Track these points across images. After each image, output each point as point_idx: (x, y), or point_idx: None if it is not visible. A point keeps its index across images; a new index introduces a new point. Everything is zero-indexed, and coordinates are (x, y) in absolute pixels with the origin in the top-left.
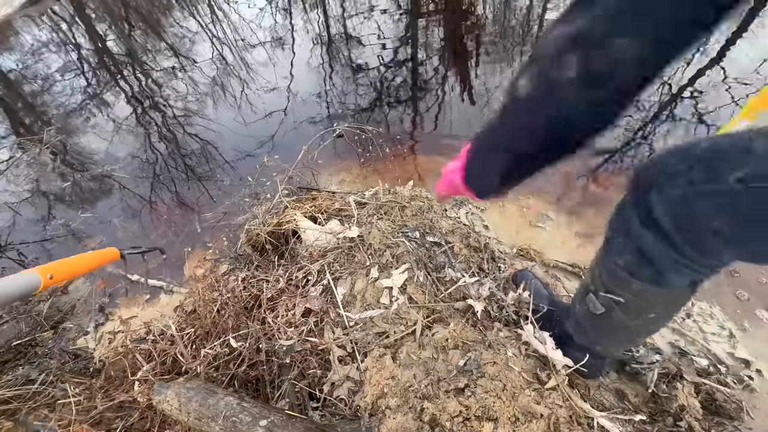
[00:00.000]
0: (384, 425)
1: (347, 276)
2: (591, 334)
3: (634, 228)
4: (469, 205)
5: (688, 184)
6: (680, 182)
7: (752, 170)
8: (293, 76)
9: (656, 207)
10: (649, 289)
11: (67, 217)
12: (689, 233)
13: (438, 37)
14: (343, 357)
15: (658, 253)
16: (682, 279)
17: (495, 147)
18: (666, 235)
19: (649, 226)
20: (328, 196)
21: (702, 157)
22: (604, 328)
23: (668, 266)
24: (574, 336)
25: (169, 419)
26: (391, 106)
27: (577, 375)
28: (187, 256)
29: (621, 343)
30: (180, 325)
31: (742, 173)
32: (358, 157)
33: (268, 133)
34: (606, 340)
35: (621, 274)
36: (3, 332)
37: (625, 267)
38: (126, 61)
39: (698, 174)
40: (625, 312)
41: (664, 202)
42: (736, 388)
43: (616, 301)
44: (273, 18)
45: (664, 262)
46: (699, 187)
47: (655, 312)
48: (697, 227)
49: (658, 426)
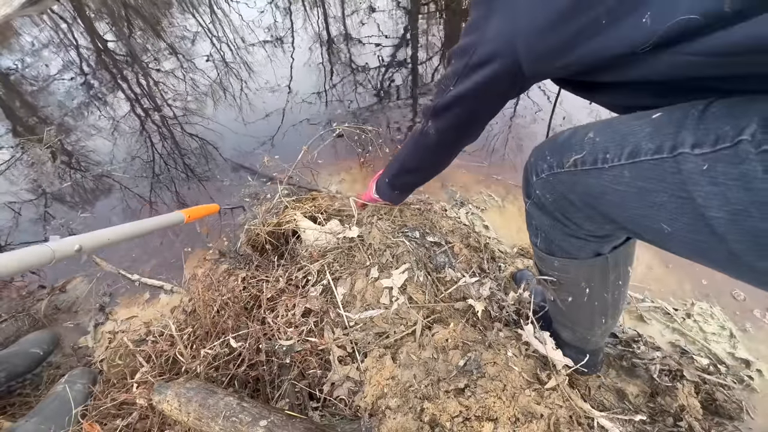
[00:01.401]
0: (384, 425)
1: (347, 276)
2: (563, 323)
3: (529, 207)
4: (469, 205)
5: (549, 168)
6: (545, 167)
7: (579, 157)
8: (293, 76)
9: (537, 188)
10: (567, 263)
11: (67, 217)
12: (561, 209)
13: (438, 37)
14: (343, 357)
15: (550, 229)
16: (582, 251)
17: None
18: (549, 212)
19: (537, 205)
20: (328, 196)
21: (559, 146)
22: (565, 314)
23: (561, 238)
24: (559, 332)
25: (169, 419)
26: (391, 105)
27: (577, 375)
28: (186, 257)
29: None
30: (180, 326)
31: (574, 159)
32: (358, 157)
33: (268, 133)
34: (576, 326)
35: (541, 254)
36: (2, 330)
37: (541, 247)
38: (126, 61)
39: (555, 160)
40: (564, 291)
41: (540, 184)
42: (736, 388)
43: (550, 281)
44: (273, 18)
45: (557, 235)
46: (555, 170)
47: (587, 285)
48: (564, 204)
49: (658, 426)
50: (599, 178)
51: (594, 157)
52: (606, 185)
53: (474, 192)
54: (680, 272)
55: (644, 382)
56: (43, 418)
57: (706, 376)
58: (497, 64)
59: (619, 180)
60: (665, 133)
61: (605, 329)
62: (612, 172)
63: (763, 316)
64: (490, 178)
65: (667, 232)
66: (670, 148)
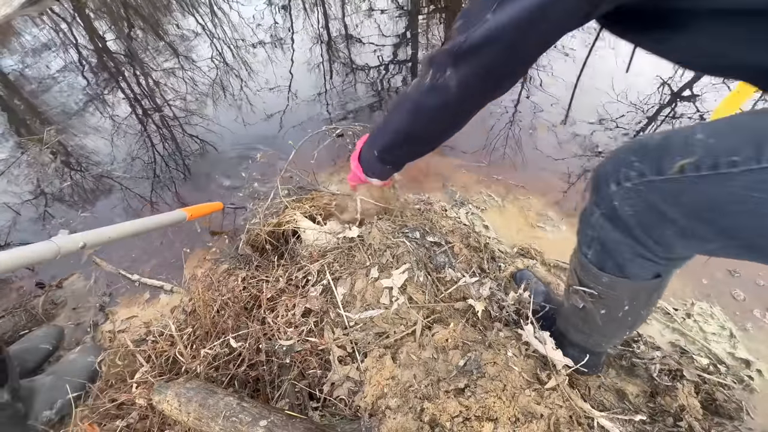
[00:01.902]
0: (384, 425)
1: (347, 276)
2: (581, 328)
3: (595, 219)
4: (469, 205)
5: (640, 175)
6: (634, 174)
7: (690, 161)
8: (293, 76)
9: (615, 199)
10: (617, 281)
11: (67, 216)
12: (646, 224)
13: (438, 37)
14: (343, 357)
15: (617, 244)
16: (644, 271)
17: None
18: (626, 227)
19: (610, 218)
20: (327, 196)
21: (651, 150)
22: (589, 322)
23: (628, 258)
24: (567, 333)
25: (169, 419)
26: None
27: (577, 374)
28: (186, 257)
29: (609, 336)
30: (180, 326)
31: (680, 164)
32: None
33: (268, 133)
34: (595, 333)
35: (590, 267)
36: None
37: (593, 259)
38: (126, 61)
39: (648, 166)
40: (601, 304)
41: (621, 194)
42: (736, 388)
43: (591, 294)
44: (273, 18)
45: (623, 253)
46: (648, 178)
47: (629, 303)
48: (652, 218)
49: (658, 426)
50: (723, 185)
51: (714, 160)
52: (734, 193)
53: (474, 192)
54: (681, 272)
55: (644, 381)
56: (58, 377)
57: (706, 376)
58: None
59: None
60: None
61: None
62: (747, 177)
63: (763, 316)
64: (490, 177)
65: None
66: None
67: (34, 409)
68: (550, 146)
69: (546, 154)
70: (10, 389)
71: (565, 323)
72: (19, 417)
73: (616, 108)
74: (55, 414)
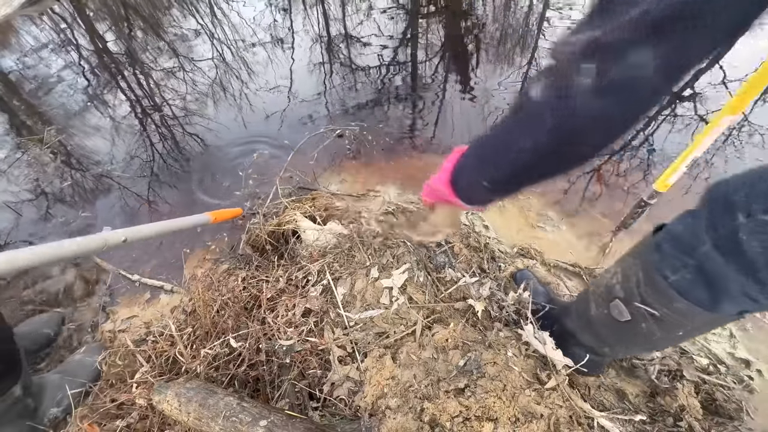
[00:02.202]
0: (384, 425)
1: (347, 276)
2: (604, 338)
3: (704, 249)
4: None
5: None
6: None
7: None
8: (293, 76)
9: (742, 232)
10: (694, 311)
11: (67, 216)
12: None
13: (438, 37)
14: (343, 357)
15: (725, 280)
16: (736, 307)
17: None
18: (747, 264)
19: (726, 252)
20: (327, 196)
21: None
22: (623, 335)
23: (731, 294)
24: (577, 334)
25: (169, 419)
26: (392, 106)
27: (577, 374)
28: (186, 257)
29: (634, 350)
30: (180, 326)
31: None
32: (358, 156)
33: (268, 133)
34: (620, 345)
35: (667, 291)
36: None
37: (675, 284)
38: (126, 61)
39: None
40: (657, 325)
41: (752, 228)
42: (736, 388)
43: (651, 314)
44: (273, 18)
45: (728, 289)
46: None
47: (688, 330)
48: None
49: (658, 426)
50: None
51: None
52: None
53: None
54: None
55: (644, 382)
56: (65, 374)
57: (705, 376)
58: None
59: None
60: None
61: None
62: None
63: (763, 316)
64: None
65: None
66: None
67: (43, 406)
68: None
69: None
70: (23, 385)
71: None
72: (29, 412)
73: None
74: (61, 412)
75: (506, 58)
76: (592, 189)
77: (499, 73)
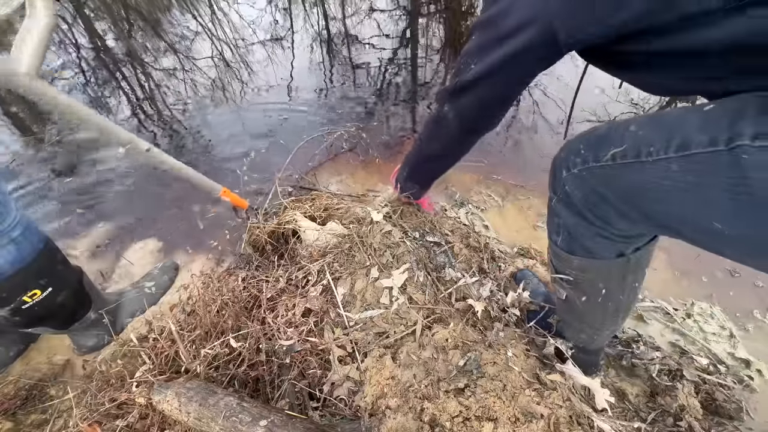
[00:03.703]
0: (384, 425)
1: (347, 276)
2: (570, 323)
3: (554, 205)
4: (469, 205)
5: (583, 162)
6: (579, 161)
7: (619, 150)
8: (293, 76)
9: (567, 184)
10: (586, 262)
11: (67, 216)
12: (592, 206)
13: (438, 37)
14: (343, 357)
15: (576, 227)
16: (607, 251)
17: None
18: (577, 210)
19: (565, 203)
20: (327, 196)
21: (593, 140)
22: (573, 312)
23: (588, 238)
24: (563, 332)
25: (169, 419)
26: (392, 106)
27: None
28: (186, 257)
29: (598, 326)
30: (179, 325)
31: (612, 152)
32: (358, 157)
33: (268, 133)
34: (583, 326)
35: (561, 253)
36: None
37: (561, 245)
38: (125, 61)
39: (590, 154)
40: (579, 290)
41: (570, 180)
42: (736, 388)
43: (566, 280)
44: (273, 17)
45: (583, 234)
46: (589, 165)
47: (605, 286)
48: (595, 200)
49: (658, 426)
50: (642, 172)
51: (636, 150)
52: (649, 180)
53: (474, 192)
54: (680, 272)
55: (644, 381)
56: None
57: (705, 376)
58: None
59: (666, 174)
60: (720, 125)
61: (613, 330)
62: (657, 165)
63: (763, 316)
64: (489, 177)
65: (718, 230)
66: (726, 140)
67: (119, 319)
68: (550, 146)
69: (546, 153)
70: (95, 309)
71: (560, 322)
72: (106, 326)
73: (617, 108)
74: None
75: None
76: None
77: None
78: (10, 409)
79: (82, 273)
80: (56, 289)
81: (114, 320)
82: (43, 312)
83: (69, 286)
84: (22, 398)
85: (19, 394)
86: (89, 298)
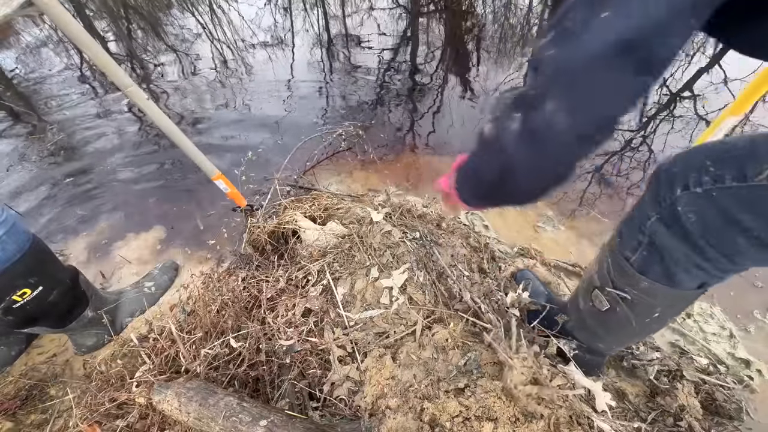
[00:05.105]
0: (384, 425)
1: (347, 276)
2: (594, 330)
3: (651, 224)
4: None
5: (714, 181)
6: (707, 179)
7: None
8: (293, 76)
9: (679, 204)
10: (657, 288)
11: (67, 215)
12: (713, 232)
13: (438, 37)
14: (343, 357)
15: (672, 251)
16: (691, 280)
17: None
18: (686, 234)
19: (668, 223)
20: (327, 196)
21: (733, 156)
22: (608, 325)
23: (681, 266)
24: (574, 332)
25: (169, 419)
26: (392, 106)
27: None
28: (187, 256)
29: (623, 340)
30: (179, 325)
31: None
32: (358, 157)
33: (268, 133)
34: (609, 337)
35: (630, 271)
36: None
37: (635, 264)
38: (125, 60)
39: (728, 171)
40: (631, 309)
41: (687, 200)
42: (736, 388)
43: (623, 298)
44: (273, 18)
45: (677, 260)
46: (726, 184)
47: (660, 310)
48: (722, 226)
49: (658, 426)
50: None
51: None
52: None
53: None
54: None
55: (644, 382)
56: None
57: (705, 376)
58: None
59: None
60: None
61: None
62: None
63: (763, 316)
64: None
65: None
66: None
67: (119, 318)
68: None
69: None
70: (93, 308)
71: (572, 324)
72: (104, 325)
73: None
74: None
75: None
76: (592, 189)
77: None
78: (10, 409)
79: (77, 272)
80: (47, 287)
81: (113, 320)
82: (36, 311)
83: (60, 284)
84: (22, 398)
85: (19, 394)
86: (85, 297)
